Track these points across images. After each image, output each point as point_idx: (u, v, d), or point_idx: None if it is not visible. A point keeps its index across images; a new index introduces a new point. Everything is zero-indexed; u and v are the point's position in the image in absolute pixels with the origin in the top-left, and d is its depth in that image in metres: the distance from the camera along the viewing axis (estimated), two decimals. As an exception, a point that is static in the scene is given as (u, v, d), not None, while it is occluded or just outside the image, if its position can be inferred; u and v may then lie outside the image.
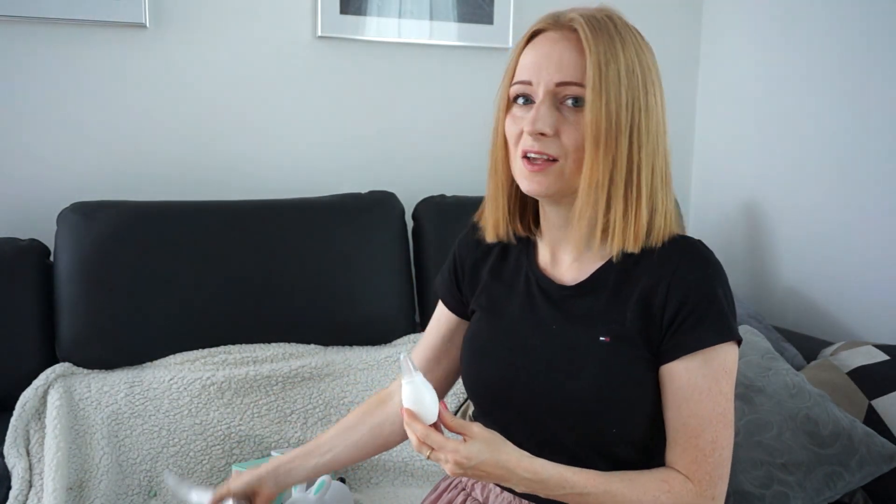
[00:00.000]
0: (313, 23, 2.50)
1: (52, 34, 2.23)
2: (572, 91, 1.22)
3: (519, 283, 1.39)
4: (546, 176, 1.24)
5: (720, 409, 1.23)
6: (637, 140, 1.23)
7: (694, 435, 1.23)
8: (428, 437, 1.16)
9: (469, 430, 1.18)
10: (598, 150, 1.21)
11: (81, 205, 2.12)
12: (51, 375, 2.02)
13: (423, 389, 1.18)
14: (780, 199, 2.75)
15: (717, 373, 1.23)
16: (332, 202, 2.36)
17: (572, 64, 1.22)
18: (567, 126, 1.23)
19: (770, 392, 2.00)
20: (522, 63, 1.28)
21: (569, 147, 1.23)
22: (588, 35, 1.21)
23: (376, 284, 2.32)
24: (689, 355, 1.23)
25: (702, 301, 1.23)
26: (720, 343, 1.23)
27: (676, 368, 1.24)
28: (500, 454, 1.17)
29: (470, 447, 1.15)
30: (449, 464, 1.16)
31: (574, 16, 1.24)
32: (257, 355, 2.16)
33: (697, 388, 1.23)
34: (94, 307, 2.07)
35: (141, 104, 2.35)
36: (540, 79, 1.24)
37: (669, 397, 1.25)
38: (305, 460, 1.48)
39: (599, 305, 1.29)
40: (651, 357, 1.26)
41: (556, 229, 1.34)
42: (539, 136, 1.23)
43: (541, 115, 1.22)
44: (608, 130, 1.20)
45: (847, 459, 1.93)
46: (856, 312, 2.53)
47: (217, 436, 2.02)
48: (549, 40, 1.25)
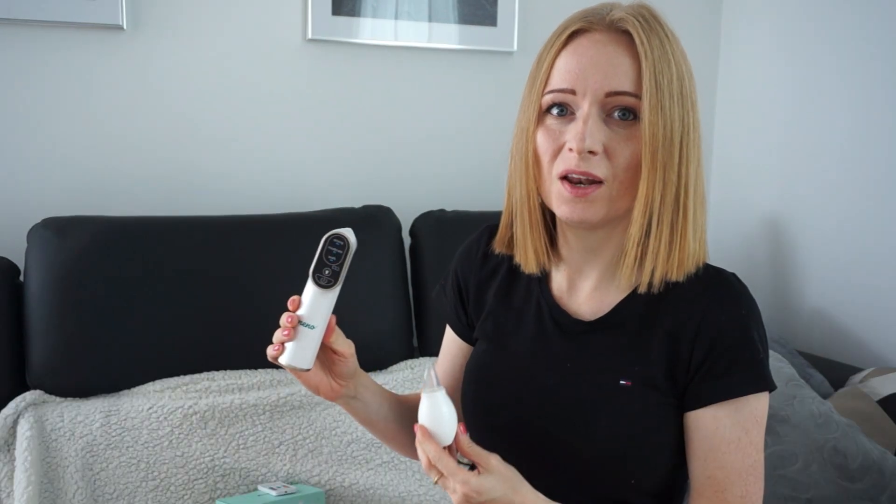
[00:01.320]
0: (303, 25, 2.52)
1: (19, 36, 2.24)
2: (625, 102, 1.16)
3: (529, 312, 1.35)
4: (592, 203, 1.18)
5: (750, 460, 1.20)
6: (686, 157, 1.19)
7: (721, 489, 1.20)
8: (440, 460, 1.13)
9: (486, 462, 1.14)
10: (656, 170, 1.16)
11: (53, 220, 2.13)
12: (21, 404, 2.03)
13: (443, 407, 1.16)
14: (806, 214, 2.76)
15: (747, 423, 1.20)
16: (323, 217, 2.37)
17: (625, 71, 1.16)
18: (618, 143, 1.17)
19: (795, 422, 2.01)
20: (561, 68, 1.20)
21: (619, 167, 1.17)
22: (644, 39, 1.15)
23: (371, 306, 2.33)
24: (718, 404, 1.20)
25: (734, 345, 1.20)
26: (753, 393, 1.20)
27: (703, 417, 1.21)
28: (516, 495, 1.14)
29: (483, 480, 1.12)
30: (457, 494, 1.12)
31: (623, 14, 1.18)
32: (243, 382, 2.17)
33: (726, 440, 1.20)
34: (67, 330, 2.08)
35: (117, 112, 2.36)
36: (586, 87, 1.17)
37: (695, 447, 1.22)
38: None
39: (621, 344, 1.25)
40: (676, 402, 1.23)
41: (581, 254, 1.30)
42: (587, 156, 1.16)
43: (590, 130, 1.16)
44: (664, 147, 1.16)
45: (878, 494, 1.93)
46: (887, 336, 2.53)
47: (200, 469, 2.03)
48: (596, 42, 1.18)
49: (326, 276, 1.21)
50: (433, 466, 1.14)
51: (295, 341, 1.21)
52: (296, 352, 1.21)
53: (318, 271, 1.21)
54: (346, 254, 1.21)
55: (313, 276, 1.21)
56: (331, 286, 1.21)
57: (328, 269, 1.21)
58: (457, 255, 1.48)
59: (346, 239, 1.21)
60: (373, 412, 1.39)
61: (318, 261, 1.21)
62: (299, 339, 1.21)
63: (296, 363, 1.21)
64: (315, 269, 1.21)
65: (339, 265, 1.21)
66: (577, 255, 1.30)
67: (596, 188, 1.17)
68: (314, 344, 1.22)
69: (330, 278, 1.21)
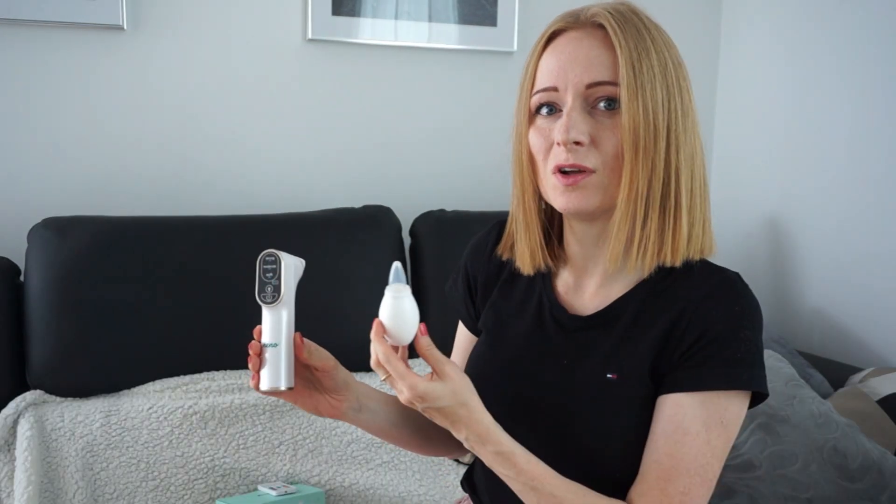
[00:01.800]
0: (303, 25, 2.52)
1: (20, 36, 2.24)
2: (605, 91, 1.18)
3: (530, 307, 1.36)
4: (584, 190, 1.19)
5: (703, 460, 1.18)
6: (675, 142, 1.19)
7: (664, 478, 1.18)
8: (388, 361, 1.15)
9: (441, 368, 1.16)
10: (638, 156, 1.17)
11: (54, 220, 2.13)
12: (21, 404, 2.02)
13: (406, 305, 1.18)
14: (806, 214, 2.76)
15: (710, 421, 1.18)
16: (323, 217, 2.36)
17: (602, 62, 1.18)
18: (604, 132, 1.18)
19: (795, 422, 2.01)
20: (543, 68, 1.23)
21: (608, 155, 1.18)
22: (616, 29, 1.17)
23: (371, 306, 2.31)
24: (687, 393, 1.19)
25: (718, 339, 1.19)
26: (724, 390, 1.19)
27: (668, 401, 1.20)
28: (462, 408, 1.15)
29: (431, 387, 1.13)
30: (403, 394, 1.14)
31: (597, 10, 1.20)
32: (243, 382, 2.16)
33: (682, 429, 1.18)
34: (67, 330, 2.07)
35: (118, 112, 2.36)
36: (567, 82, 1.19)
37: (652, 429, 1.21)
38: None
39: (612, 339, 1.26)
40: (657, 393, 1.23)
41: (586, 249, 1.30)
42: (574, 147, 1.18)
43: (574, 121, 1.18)
44: (646, 133, 1.17)
45: (878, 494, 1.93)
46: (886, 336, 2.53)
47: (200, 469, 2.03)
48: (573, 39, 1.21)
49: (270, 293, 1.24)
50: (381, 365, 1.16)
51: (266, 366, 1.24)
52: (270, 374, 1.24)
53: (262, 290, 1.24)
54: (280, 268, 1.24)
55: (259, 297, 1.24)
56: (275, 301, 1.24)
57: (269, 285, 1.24)
58: (467, 249, 1.49)
59: (275, 255, 1.24)
60: (381, 420, 1.38)
61: (259, 281, 1.24)
62: (269, 362, 1.24)
63: (274, 384, 1.23)
64: (259, 290, 1.24)
65: (276, 279, 1.24)
66: (585, 250, 1.30)
67: (587, 176, 1.19)
68: (284, 361, 1.24)
69: (273, 294, 1.24)
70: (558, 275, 1.36)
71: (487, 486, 1.39)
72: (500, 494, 1.35)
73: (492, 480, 1.35)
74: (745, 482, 1.90)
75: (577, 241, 1.31)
